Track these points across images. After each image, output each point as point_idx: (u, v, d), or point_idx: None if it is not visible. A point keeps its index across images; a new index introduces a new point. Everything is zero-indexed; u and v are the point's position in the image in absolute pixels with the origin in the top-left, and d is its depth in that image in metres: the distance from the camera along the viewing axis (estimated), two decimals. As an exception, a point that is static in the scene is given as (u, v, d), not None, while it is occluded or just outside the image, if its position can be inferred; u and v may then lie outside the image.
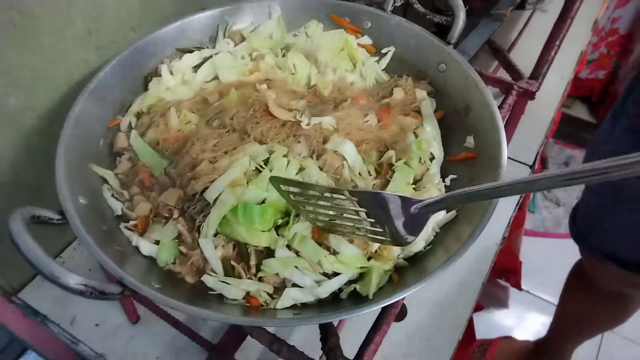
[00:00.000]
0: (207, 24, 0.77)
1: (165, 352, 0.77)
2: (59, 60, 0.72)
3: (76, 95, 0.73)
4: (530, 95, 0.77)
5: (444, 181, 0.63)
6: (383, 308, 0.54)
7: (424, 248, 0.56)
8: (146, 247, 0.55)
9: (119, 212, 0.57)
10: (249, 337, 0.65)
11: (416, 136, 0.66)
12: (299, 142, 0.60)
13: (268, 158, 0.59)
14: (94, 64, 0.76)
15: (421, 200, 0.46)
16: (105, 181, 0.59)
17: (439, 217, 0.58)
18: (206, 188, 0.56)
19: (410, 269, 0.53)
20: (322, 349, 0.52)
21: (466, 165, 0.61)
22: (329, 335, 0.51)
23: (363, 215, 0.48)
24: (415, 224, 0.48)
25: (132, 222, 0.57)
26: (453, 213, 0.57)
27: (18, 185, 0.75)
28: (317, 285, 0.52)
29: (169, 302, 0.42)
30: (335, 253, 0.54)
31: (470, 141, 0.63)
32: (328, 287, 0.52)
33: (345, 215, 0.50)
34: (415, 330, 0.78)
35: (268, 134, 0.61)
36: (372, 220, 0.48)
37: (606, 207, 0.90)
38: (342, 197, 0.48)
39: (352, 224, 0.50)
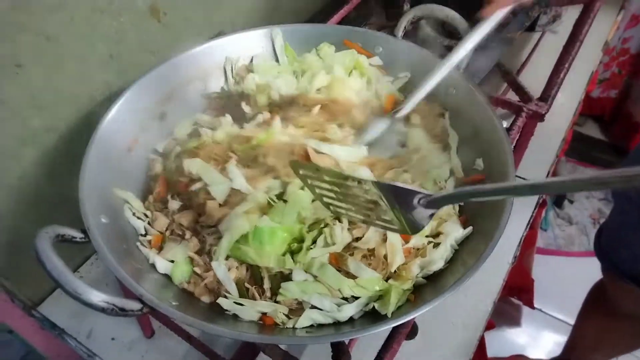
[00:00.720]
0: (222, 50, 0.79)
1: (179, 366, 0.79)
2: (82, 82, 0.75)
3: (98, 117, 0.77)
4: (540, 117, 0.78)
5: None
6: (394, 327, 0.54)
7: (443, 266, 0.57)
8: (162, 265, 0.56)
9: (142, 231, 0.59)
10: (261, 353, 0.66)
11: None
12: None
13: (282, 192, 0.60)
14: (115, 87, 0.79)
15: (431, 195, 0.47)
16: (126, 202, 0.61)
17: (457, 234, 0.59)
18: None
19: (428, 287, 0.54)
20: (333, 367, 0.53)
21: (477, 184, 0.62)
22: (340, 353, 0.52)
23: (383, 204, 0.49)
24: (422, 217, 0.49)
25: (148, 237, 0.59)
26: (470, 229, 0.59)
27: (39, 203, 0.78)
28: (336, 309, 0.53)
29: (186, 320, 0.43)
30: (354, 277, 0.55)
31: (479, 163, 0.64)
32: (347, 312, 0.53)
33: (361, 203, 0.51)
34: (426, 348, 0.79)
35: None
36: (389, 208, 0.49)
37: (631, 226, 0.89)
38: (361, 186, 0.49)
39: (367, 212, 0.51)
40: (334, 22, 0.95)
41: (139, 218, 0.61)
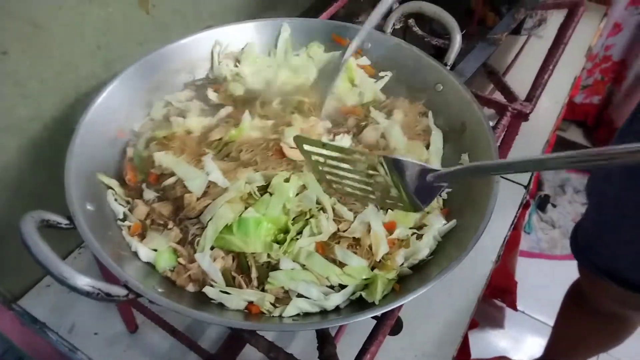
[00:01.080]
0: (211, 42, 0.79)
1: (162, 361, 0.78)
2: (68, 72, 0.74)
3: (84, 106, 0.76)
4: (525, 116, 0.79)
5: (440, 195, 0.65)
6: (379, 319, 0.55)
7: (427, 257, 0.57)
8: (144, 253, 0.56)
9: (121, 216, 0.59)
10: (246, 346, 0.66)
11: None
12: (302, 170, 0.62)
13: (266, 186, 0.60)
14: (101, 77, 0.79)
15: (436, 170, 0.49)
16: (109, 188, 0.61)
17: (441, 226, 0.59)
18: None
19: (413, 277, 0.55)
20: (319, 357, 0.53)
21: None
22: (326, 343, 0.52)
23: (387, 180, 0.50)
24: (427, 194, 0.50)
25: (127, 223, 0.59)
26: (454, 222, 0.59)
27: (23, 191, 0.76)
28: (323, 298, 0.53)
29: (173, 306, 0.43)
30: (341, 265, 0.55)
31: (465, 158, 0.65)
32: (334, 300, 0.53)
33: (365, 181, 0.52)
34: (410, 345, 0.79)
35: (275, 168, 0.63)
36: (392, 185, 0.50)
37: (608, 223, 0.91)
38: (367, 161, 0.50)
39: (372, 190, 0.53)
40: (323, 18, 0.96)
41: (120, 204, 0.61)
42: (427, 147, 0.70)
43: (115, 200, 0.60)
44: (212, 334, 0.80)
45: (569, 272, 1.81)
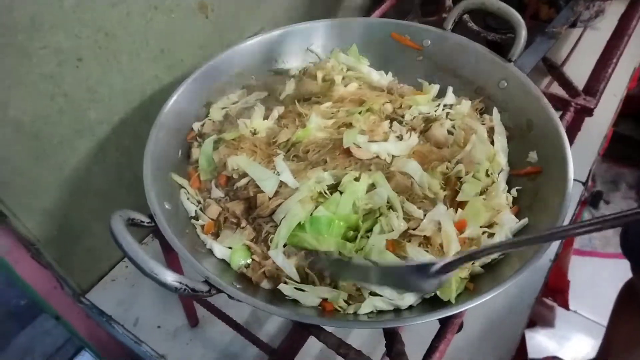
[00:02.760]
0: (274, 44, 0.81)
1: (223, 355, 0.80)
2: (134, 77, 0.77)
3: (149, 110, 0.79)
4: (589, 112, 0.77)
5: (509, 192, 0.64)
6: (447, 317, 0.55)
7: (498, 256, 0.57)
8: (219, 251, 0.58)
9: (193, 214, 0.61)
10: (308, 341, 0.67)
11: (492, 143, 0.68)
12: (370, 169, 0.63)
13: (335, 184, 0.61)
14: (164, 81, 0.82)
15: (435, 263, 0.47)
16: (182, 187, 0.63)
17: (513, 224, 0.59)
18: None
19: (486, 277, 0.54)
20: (387, 354, 0.53)
21: (530, 179, 0.62)
22: (394, 341, 0.53)
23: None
24: (440, 279, 0.48)
25: (200, 222, 0.61)
26: (525, 220, 0.59)
27: (91, 192, 0.80)
28: (397, 297, 0.53)
29: (252, 301, 0.45)
30: None
31: (533, 156, 0.63)
32: (409, 299, 0.54)
33: None
34: (468, 344, 0.79)
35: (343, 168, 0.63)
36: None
37: None
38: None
39: None
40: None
41: (192, 203, 0.63)
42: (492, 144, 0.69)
43: (188, 199, 0.62)
44: (269, 329, 0.82)
45: (622, 270, 1.74)
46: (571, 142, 0.88)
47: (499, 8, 0.68)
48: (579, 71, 0.97)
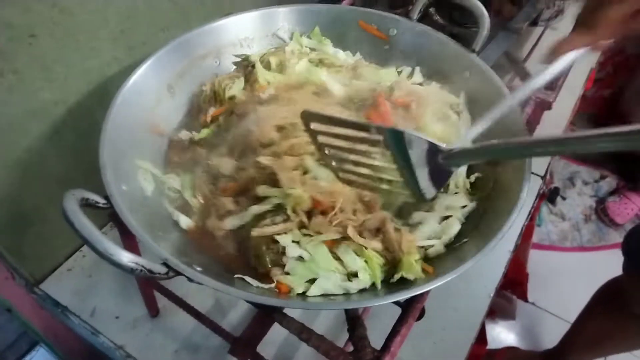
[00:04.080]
0: (237, 28, 0.79)
1: (184, 345, 0.79)
2: (93, 57, 0.74)
3: (107, 92, 0.76)
4: (548, 105, 0.79)
5: (468, 178, 0.65)
6: (409, 301, 0.55)
7: (460, 240, 0.58)
8: (184, 221, 0.58)
9: (149, 193, 0.60)
10: (270, 329, 0.67)
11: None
12: None
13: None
14: (124, 62, 0.79)
15: (450, 149, 0.45)
16: (140, 168, 0.61)
17: (464, 207, 0.60)
18: None
19: (447, 262, 0.55)
20: (349, 338, 0.53)
21: (490, 165, 0.63)
22: (357, 325, 0.53)
23: (386, 159, 0.47)
24: (439, 177, 0.46)
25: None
26: (473, 205, 0.60)
27: (46, 176, 0.77)
28: (347, 280, 0.53)
29: (212, 283, 0.44)
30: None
31: None
32: (358, 284, 0.54)
33: (367, 162, 0.50)
34: (430, 331, 0.80)
35: None
36: (394, 165, 0.47)
37: None
38: (368, 134, 0.46)
39: (378, 176, 0.50)
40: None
41: (149, 182, 0.61)
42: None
43: (145, 179, 0.61)
44: (233, 318, 0.81)
45: (578, 264, 1.82)
46: (531, 135, 0.91)
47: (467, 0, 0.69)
48: (538, 68, 1.00)
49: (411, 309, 0.54)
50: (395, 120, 0.66)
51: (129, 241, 0.64)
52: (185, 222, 0.58)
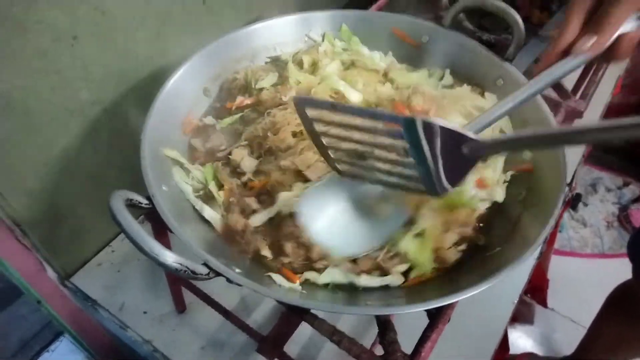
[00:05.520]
0: (275, 31, 0.80)
1: (210, 341, 0.80)
2: (129, 58, 0.76)
3: (142, 92, 0.78)
4: (579, 114, 0.79)
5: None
6: (440, 307, 0.56)
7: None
8: (208, 213, 0.59)
9: (190, 196, 0.60)
10: (299, 328, 0.68)
11: None
12: None
13: None
14: (158, 64, 0.81)
15: (479, 139, 0.41)
16: (176, 163, 0.63)
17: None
18: None
19: (474, 274, 0.55)
20: (380, 342, 0.54)
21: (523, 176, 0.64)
22: (387, 329, 0.53)
23: (400, 151, 0.44)
24: (457, 170, 0.43)
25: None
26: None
27: (81, 173, 0.79)
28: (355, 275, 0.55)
29: (251, 285, 0.45)
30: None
31: (526, 154, 0.65)
32: (369, 281, 0.55)
33: (376, 152, 0.46)
34: (453, 337, 0.79)
35: None
36: (406, 158, 0.44)
37: None
38: (379, 124, 0.43)
39: (384, 165, 0.47)
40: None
41: (187, 184, 0.62)
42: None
43: (183, 180, 0.62)
44: (258, 316, 0.83)
45: (599, 271, 1.80)
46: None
47: (498, 7, 0.69)
48: (569, 75, 0.99)
49: (442, 315, 0.54)
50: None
51: (162, 240, 0.65)
52: (210, 214, 0.59)
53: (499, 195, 0.62)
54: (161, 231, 0.64)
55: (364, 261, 0.57)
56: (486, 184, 0.62)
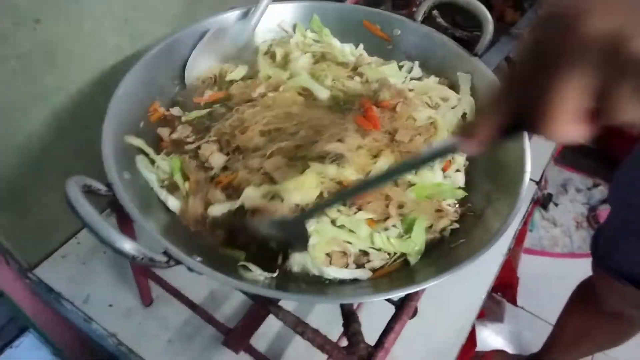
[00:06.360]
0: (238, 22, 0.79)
1: (177, 335, 0.79)
2: (95, 44, 0.74)
3: (109, 80, 0.76)
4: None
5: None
6: (403, 299, 0.56)
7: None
8: (173, 204, 0.59)
9: (155, 184, 0.59)
10: (266, 320, 0.67)
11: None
12: None
13: None
14: (126, 52, 0.79)
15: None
16: (140, 152, 0.61)
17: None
18: None
19: (440, 262, 0.56)
20: (344, 333, 0.54)
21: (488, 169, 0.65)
22: (352, 321, 0.53)
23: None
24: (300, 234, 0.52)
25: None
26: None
27: (44, 163, 0.77)
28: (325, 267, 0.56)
29: (213, 274, 0.44)
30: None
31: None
32: (338, 273, 0.55)
33: None
34: (422, 330, 0.80)
35: None
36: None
37: (633, 233, 0.92)
38: None
39: None
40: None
41: (151, 172, 0.61)
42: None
43: (146, 168, 0.61)
44: (227, 309, 0.82)
45: (568, 270, 1.84)
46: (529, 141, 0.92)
47: (468, 3, 0.69)
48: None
49: (406, 307, 0.55)
50: (382, 123, 0.67)
51: (126, 228, 0.64)
52: (174, 205, 0.59)
53: (461, 180, 0.65)
54: (127, 221, 0.63)
55: (338, 258, 0.57)
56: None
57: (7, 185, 0.73)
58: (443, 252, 0.57)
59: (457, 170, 0.67)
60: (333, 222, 0.58)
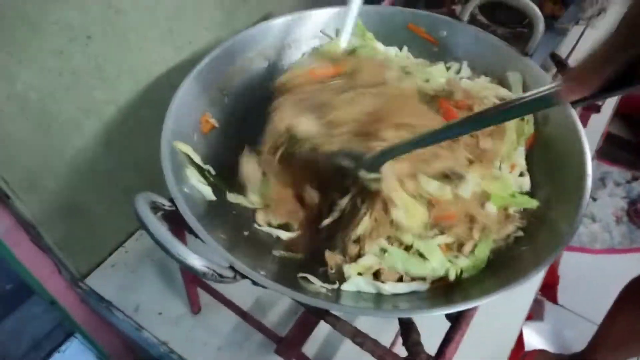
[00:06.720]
0: (288, 28, 0.79)
1: (227, 342, 0.80)
2: (142, 56, 0.75)
3: (154, 92, 0.77)
4: (597, 108, 0.78)
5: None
6: (464, 310, 0.55)
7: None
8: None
9: (212, 197, 0.60)
10: (316, 329, 0.67)
11: None
12: None
13: None
14: (171, 63, 0.80)
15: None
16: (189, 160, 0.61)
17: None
18: None
19: (501, 272, 0.55)
20: (403, 344, 0.53)
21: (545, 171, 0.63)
22: (411, 331, 0.53)
23: None
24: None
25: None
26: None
27: (95, 174, 0.79)
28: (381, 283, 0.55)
29: (278, 288, 0.44)
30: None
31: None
32: (395, 288, 0.54)
33: None
34: (470, 335, 0.79)
35: None
36: None
37: None
38: None
39: None
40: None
41: (203, 184, 0.61)
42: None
43: (199, 181, 0.61)
44: (274, 316, 0.82)
45: (608, 266, 1.79)
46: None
47: (519, 1, 0.68)
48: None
49: (465, 316, 0.54)
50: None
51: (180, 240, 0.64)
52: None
53: (526, 184, 0.64)
54: (179, 232, 0.64)
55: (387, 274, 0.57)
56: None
57: (59, 198, 0.75)
58: (504, 262, 0.56)
59: (521, 175, 0.65)
60: (407, 248, 0.57)
